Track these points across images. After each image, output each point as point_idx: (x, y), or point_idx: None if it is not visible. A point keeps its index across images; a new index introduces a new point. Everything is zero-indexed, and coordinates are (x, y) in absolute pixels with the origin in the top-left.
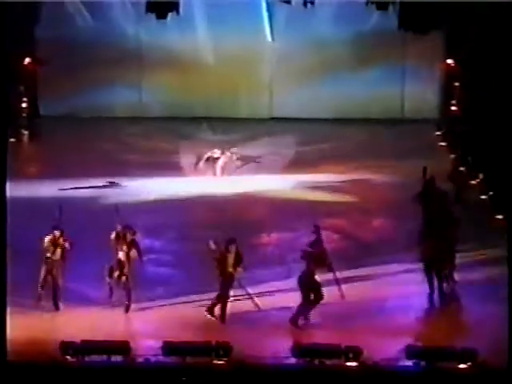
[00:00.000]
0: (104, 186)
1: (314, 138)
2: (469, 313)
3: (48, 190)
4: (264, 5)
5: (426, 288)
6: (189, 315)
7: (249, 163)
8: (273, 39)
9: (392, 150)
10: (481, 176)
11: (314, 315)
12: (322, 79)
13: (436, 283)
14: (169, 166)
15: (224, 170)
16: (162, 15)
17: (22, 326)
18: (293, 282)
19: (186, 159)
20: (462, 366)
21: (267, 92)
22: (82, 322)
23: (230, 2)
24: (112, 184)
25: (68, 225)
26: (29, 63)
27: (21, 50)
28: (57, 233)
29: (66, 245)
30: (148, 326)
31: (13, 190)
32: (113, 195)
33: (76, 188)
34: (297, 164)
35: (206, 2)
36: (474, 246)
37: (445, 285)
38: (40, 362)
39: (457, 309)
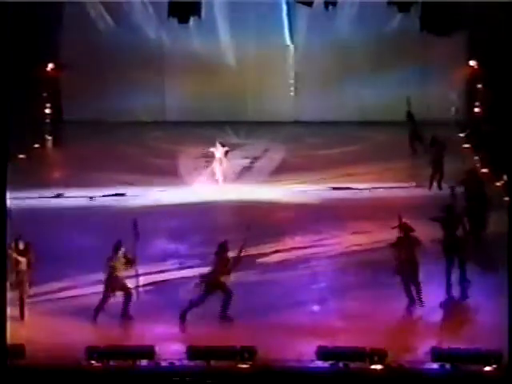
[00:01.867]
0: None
1: (337, 141)
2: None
3: (72, 195)
4: (285, 8)
5: (449, 290)
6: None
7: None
8: (295, 42)
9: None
10: (505, 177)
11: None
12: (344, 82)
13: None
14: (192, 170)
15: (224, 175)
16: (184, 19)
17: (47, 329)
18: (317, 286)
19: (205, 163)
20: (487, 368)
21: (290, 95)
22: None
23: (251, 5)
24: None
25: (93, 229)
26: (52, 69)
27: (44, 55)
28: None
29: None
30: (172, 329)
31: (37, 195)
32: (135, 200)
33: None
34: (320, 166)
35: (228, 5)
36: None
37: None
38: (65, 367)
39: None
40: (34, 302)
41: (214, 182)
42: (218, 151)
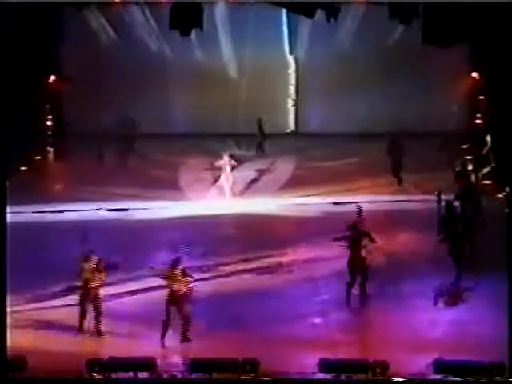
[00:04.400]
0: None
1: (339, 153)
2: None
3: (74, 208)
4: (285, 21)
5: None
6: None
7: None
8: (296, 54)
9: (417, 163)
10: (507, 189)
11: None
12: (345, 94)
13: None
14: (194, 183)
15: (231, 188)
16: (186, 32)
17: (49, 341)
18: (320, 298)
19: (211, 175)
20: (490, 380)
21: (292, 107)
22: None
23: (253, 18)
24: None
25: (100, 245)
26: (54, 81)
27: (46, 68)
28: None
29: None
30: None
31: (39, 207)
32: (139, 213)
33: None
34: (320, 179)
35: (229, 18)
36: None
37: None
38: (67, 379)
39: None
40: (36, 314)
41: (219, 195)
42: (226, 164)
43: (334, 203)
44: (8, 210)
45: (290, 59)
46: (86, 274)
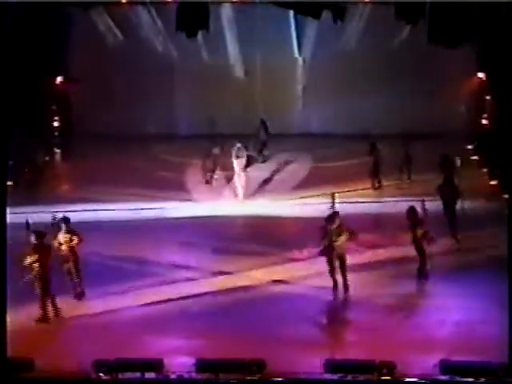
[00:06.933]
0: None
1: (346, 154)
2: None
3: (81, 208)
4: (293, 21)
5: (459, 303)
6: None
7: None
8: (303, 55)
9: (423, 164)
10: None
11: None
12: (352, 94)
13: None
14: (201, 183)
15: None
16: (192, 33)
17: (56, 341)
18: (326, 299)
19: (218, 176)
20: (496, 380)
21: (299, 108)
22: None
23: (259, 18)
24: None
25: (107, 245)
26: (61, 82)
27: (53, 69)
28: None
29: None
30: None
31: (46, 208)
32: (144, 213)
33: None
34: (327, 180)
35: (236, 18)
36: None
37: None
38: (74, 379)
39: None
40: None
41: (231, 196)
42: (237, 164)
43: (353, 202)
44: (16, 210)
45: (298, 60)
46: (332, 235)
